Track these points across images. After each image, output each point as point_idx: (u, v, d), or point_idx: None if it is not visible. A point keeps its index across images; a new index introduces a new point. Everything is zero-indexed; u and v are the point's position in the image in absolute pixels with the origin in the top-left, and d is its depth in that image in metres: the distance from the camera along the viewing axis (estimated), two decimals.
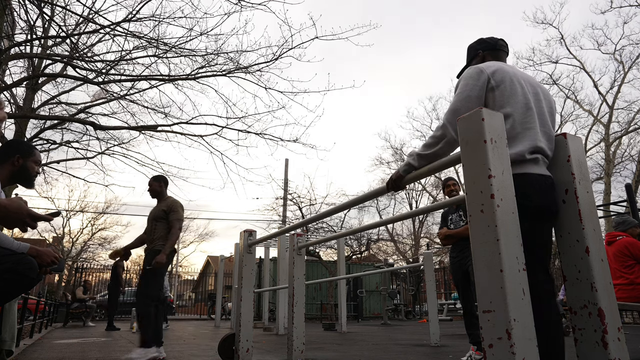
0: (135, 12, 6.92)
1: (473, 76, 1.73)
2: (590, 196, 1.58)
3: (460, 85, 1.76)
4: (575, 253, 1.50)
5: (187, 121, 8.79)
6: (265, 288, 9.75)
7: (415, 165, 1.76)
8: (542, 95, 1.82)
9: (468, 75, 1.75)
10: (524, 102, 1.71)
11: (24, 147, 2.05)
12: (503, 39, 2.03)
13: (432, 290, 5.65)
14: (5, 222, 1.42)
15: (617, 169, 20.42)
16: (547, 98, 1.86)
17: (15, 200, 1.44)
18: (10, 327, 3.60)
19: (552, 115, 1.84)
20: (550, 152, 1.72)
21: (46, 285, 25.50)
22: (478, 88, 1.70)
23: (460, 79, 1.80)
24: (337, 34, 7.79)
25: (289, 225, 3.60)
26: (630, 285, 3.57)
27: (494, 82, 1.71)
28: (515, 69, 1.84)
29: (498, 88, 1.70)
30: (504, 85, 1.71)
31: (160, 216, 4.31)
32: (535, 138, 1.66)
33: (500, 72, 1.73)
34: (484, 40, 2.04)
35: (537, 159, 1.66)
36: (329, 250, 16.85)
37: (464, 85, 1.73)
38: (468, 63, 2.08)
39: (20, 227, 1.43)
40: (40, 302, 7.87)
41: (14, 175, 2.00)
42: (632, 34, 30.98)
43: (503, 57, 2.01)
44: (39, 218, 1.47)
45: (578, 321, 1.46)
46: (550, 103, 1.87)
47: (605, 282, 1.45)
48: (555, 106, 1.91)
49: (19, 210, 1.41)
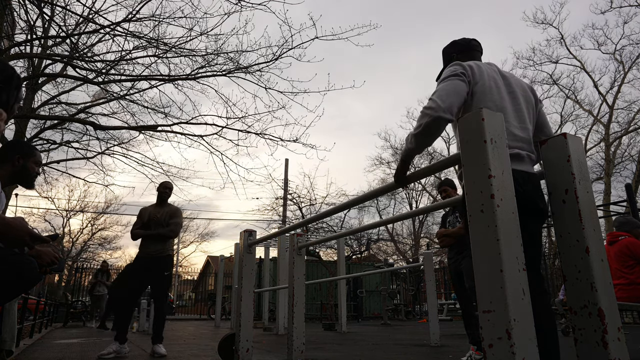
0: (135, 12, 6.92)
1: (457, 67, 1.76)
2: (590, 196, 1.58)
3: (445, 71, 1.79)
4: (575, 253, 1.50)
5: (187, 121, 8.79)
6: (265, 288, 9.75)
7: (412, 146, 1.71)
8: (519, 92, 1.84)
9: (452, 67, 1.78)
10: (498, 100, 1.74)
11: (24, 147, 2.05)
12: (475, 38, 2.06)
13: (432, 290, 5.64)
14: (5, 239, 1.43)
15: (617, 169, 20.44)
16: (525, 94, 1.87)
17: (17, 218, 1.45)
18: (10, 327, 3.60)
19: (530, 110, 1.85)
20: (530, 147, 1.76)
21: (46, 285, 25.50)
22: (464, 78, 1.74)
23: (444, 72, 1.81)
24: (337, 34, 7.78)
25: (289, 225, 3.60)
26: (630, 286, 3.57)
27: (472, 79, 1.74)
28: (492, 67, 1.86)
29: (477, 84, 1.74)
30: (482, 81, 1.74)
31: (167, 222, 4.53)
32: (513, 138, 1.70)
33: (478, 69, 1.77)
34: (457, 43, 2.07)
35: (520, 155, 1.68)
36: (329, 250, 16.87)
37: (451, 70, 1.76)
38: (444, 67, 2.10)
39: (19, 246, 1.43)
40: (40, 302, 7.88)
41: (15, 176, 2.00)
42: (632, 33, 30.92)
43: (477, 56, 2.03)
44: (39, 239, 1.47)
45: (578, 321, 1.46)
46: (529, 98, 1.88)
47: (605, 282, 1.45)
48: (534, 101, 1.90)
49: (20, 228, 1.42)
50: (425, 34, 46.36)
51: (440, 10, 43.29)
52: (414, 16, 44.54)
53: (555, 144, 1.69)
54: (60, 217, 28.38)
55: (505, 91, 1.80)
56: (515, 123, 1.75)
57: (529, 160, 1.74)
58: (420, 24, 45.65)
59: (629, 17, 24.69)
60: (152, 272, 4.40)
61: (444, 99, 1.63)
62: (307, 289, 14.31)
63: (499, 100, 1.74)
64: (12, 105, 1.51)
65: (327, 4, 35.13)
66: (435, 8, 44.08)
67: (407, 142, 1.72)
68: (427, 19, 45.24)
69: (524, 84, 1.92)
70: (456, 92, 1.66)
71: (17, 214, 19.50)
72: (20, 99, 1.62)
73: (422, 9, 44.01)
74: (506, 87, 1.82)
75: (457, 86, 1.68)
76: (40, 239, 1.47)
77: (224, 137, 8.85)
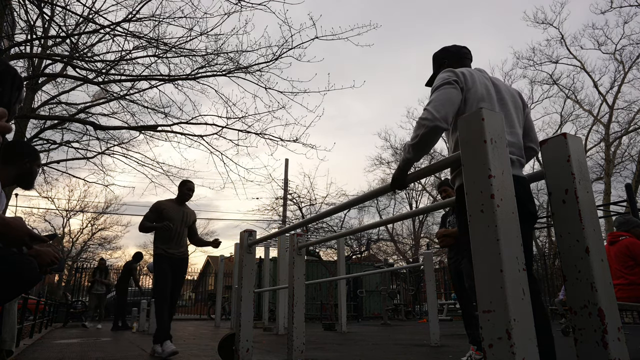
0: (135, 12, 6.92)
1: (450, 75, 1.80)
2: (590, 196, 1.58)
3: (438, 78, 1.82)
4: (575, 253, 1.50)
5: (187, 121, 8.79)
6: (265, 288, 9.75)
7: (410, 156, 1.74)
8: (508, 98, 1.89)
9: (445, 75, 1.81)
10: (489, 106, 1.78)
11: (32, 151, 2.05)
12: (466, 46, 2.11)
13: (432, 290, 5.65)
14: (5, 239, 1.43)
15: (617, 169, 20.44)
16: (514, 100, 1.92)
17: (16, 218, 1.45)
18: (10, 327, 3.60)
19: (519, 116, 1.91)
20: (520, 151, 1.80)
21: (46, 285, 25.50)
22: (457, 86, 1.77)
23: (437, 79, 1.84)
24: (337, 34, 7.79)
25: (289, 225, 3.60)
26: (630, 286, 3.57)
27: (465, 86, 1.78)
28: (483, 74, 1.91)
29: (469, 91, 1.77)
30: (474, 88, 1.78)
31: (190, 223, 4.55)
32: None
33: (470, 76, 1.81)
34: (447, 49, 2.11)
35: (511, 160, 1.70)
36: (329, 250, 16.87)
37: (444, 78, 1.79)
38: (435, 72, 2.13)
39: (18, 247, 1.43)
40: (40, 302, 7.88)
41: (19, 178, 2.01)
42: (632, 33, 30.89)
43: (468, 63, 2.07)
44: (38, 239, 1.47)
45: (578, 321, 1.46)
46: (517, 104, 1.93)
47: (605, 282, 1.45)
48: (522, 106, 1.96)
49: (20, 228, 1.42)
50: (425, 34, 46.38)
51: (440, 10, 43.32)
52: (414, 16, 44.57)
53: (555, 144, 1.69)
54: (60, 217, 28.39)
55: (495, 97, 1.84)
56: (506, 128, 1.78)
57: (518, 165, 1.78)
58: (420, 24, 45.67)
59: (629, 17, 24.75)
60: (176, 274, 4.38)
61: (439, 109, 1.67)
62: (307, 289, 14.31)
63: (489, 106, 1.78)
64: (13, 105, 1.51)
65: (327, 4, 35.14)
66: (436, 8, 44.10)
67: (405, 151, 1.75)
68: (427, 19, 45.26)
69: (512, 90, 1.97)
70: (450, 101, 1.70)
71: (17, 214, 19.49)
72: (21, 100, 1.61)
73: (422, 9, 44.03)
74: (496, 93, 1.86)
75: (451, 95, 1.72)
76: (39, 239, 1.47)
77: (224, 137, 8.87)
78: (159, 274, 4.26)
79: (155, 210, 4.40)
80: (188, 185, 4.56)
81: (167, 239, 4.33)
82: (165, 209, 4.39)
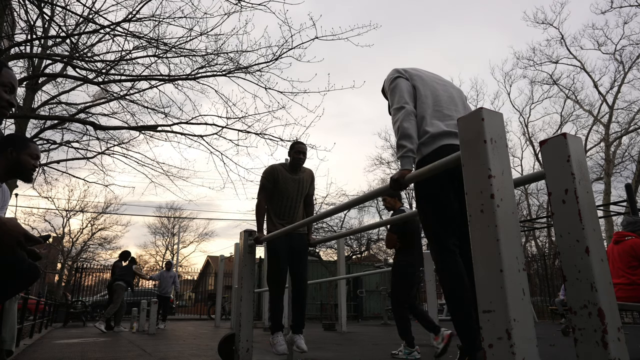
0: (135, 12, 6.93)
1: (394, 72, 2.22)
2: (590, 196, 1.58)
3: (386, 80, 2.26)
4: (575, 253, 1.50)
5: (187, 121, 8.79)
6: (265, 288, 9.74)
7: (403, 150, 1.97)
8: (448, 85, 2.28)
9: (391, 74, 2.23)
10: (433, 87, 2.17)
11: (17, 140, 1.99)
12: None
13: (432, 290, 5.65)
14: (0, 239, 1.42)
15: (617, 169, 20.42)
16: (455, 88, 2.30)
17: (11, 219, 1.44)
18: (10, 327, 3.60)
19: (462, 99, 2.28)
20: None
21: (46, 285, 25.51)
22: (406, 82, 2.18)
23: (385, 81, 2.28)
24: (337, 34, 7.79)
25: (289, 226, 3.59)
26: (631, 286, 3.57)
27: (409, 75, 2.19)
28: (419, 69, 2.31)
29: (413, 79, 2.18)
30: (417, 75, 2.19)
31: (306, 192, 3.78)
32: (448, 117, 2.09)
33: (409, 70, 2.24)
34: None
35: (452, 132, 2.01)
36: (329, 250, 16.85)
37: (391, 77, 2.22)
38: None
39: (13, 247, 1.42)
40: (40, 302, 7.88)
41: (9, 170, 1.95)
42: (632, 34, 31.05)
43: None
44: (33, 240, 1.46)
45: (578, 321, 1.45)
46: (459, 92, 2.31)
47: (605, 282, 1.45)
48: (464, 97, 2.33)
49: (15, 229, 1.41)
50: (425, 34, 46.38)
51: (440, 10, 43.32)
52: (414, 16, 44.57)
53: (555, 144, 1.69)
54: (60, 217, 28.38)
55: (435, 81, 2.22)
56: (450, 105, 2.13)
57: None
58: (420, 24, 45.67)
59: (629, 17, 24.76)
60: (296, 250, 3.73)
61: (399, 100, 2.07)
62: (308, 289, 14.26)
63: (433, 88, 2.16)
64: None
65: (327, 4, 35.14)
66: (436, 8, 44.11)
67: (400, 149, 1.98)
68: (428, 19, 45.26)
69: (452, 83, 2.36)
70: (405, 90, 2.11)
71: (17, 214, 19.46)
72: None
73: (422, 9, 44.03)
74: (436, 78, 2.25)
75: (402, 85, 2.13)
76: (35, 240, 1.46)
77: (224, 137, 8.87)
78: (271, 257, 3.67)
79: (270, 176, 3.67)
80: (296, 147, 3.69)
81: (281, 214, 3.72)
82: (281, 178, 3.68)
